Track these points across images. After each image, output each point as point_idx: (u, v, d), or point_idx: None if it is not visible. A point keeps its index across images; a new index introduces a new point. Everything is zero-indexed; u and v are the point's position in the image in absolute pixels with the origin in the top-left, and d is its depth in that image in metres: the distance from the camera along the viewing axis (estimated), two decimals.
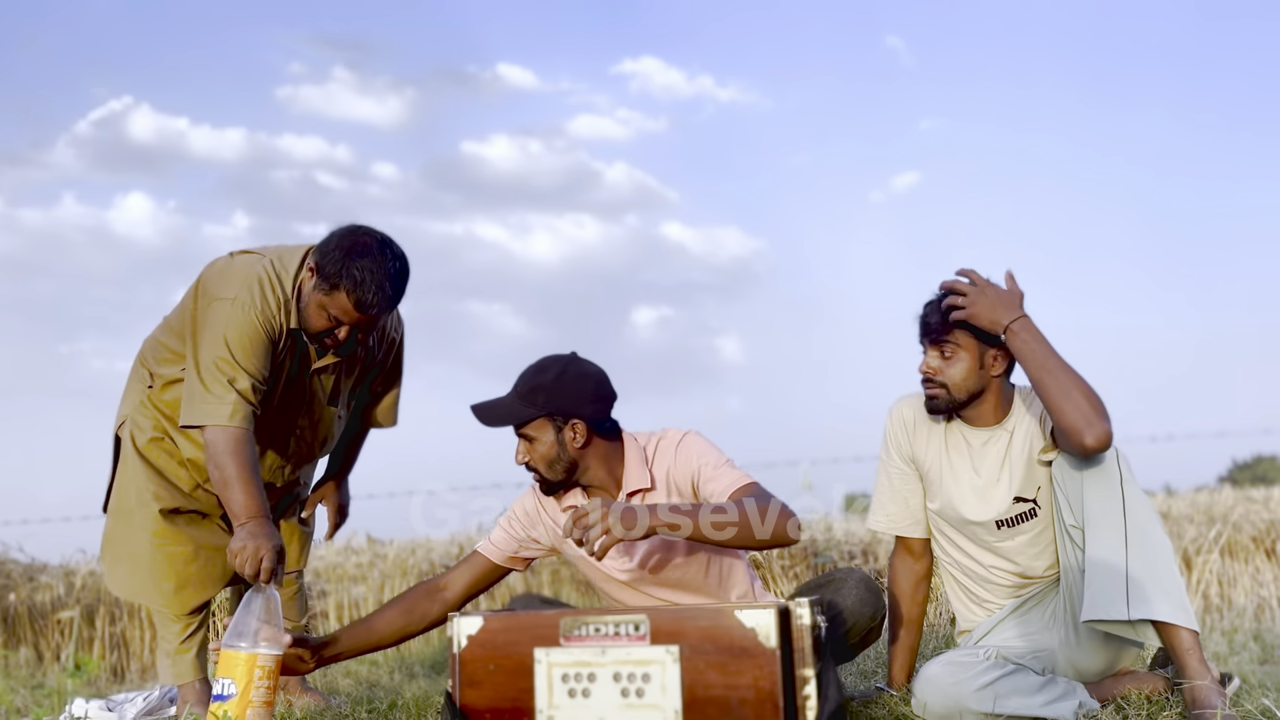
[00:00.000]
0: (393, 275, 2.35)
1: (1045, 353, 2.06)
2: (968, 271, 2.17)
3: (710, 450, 2.22)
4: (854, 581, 2.13)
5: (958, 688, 2.03)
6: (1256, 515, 5.26)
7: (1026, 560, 2.25)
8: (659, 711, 1.65)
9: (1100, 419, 2.00)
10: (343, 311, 2.33)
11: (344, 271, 2.30)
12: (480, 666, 1.80)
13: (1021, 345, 2.07)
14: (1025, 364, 2.08)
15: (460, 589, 2.30)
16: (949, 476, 2.28)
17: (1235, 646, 3.06)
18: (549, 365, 2.20)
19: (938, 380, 2.21)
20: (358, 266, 2.30)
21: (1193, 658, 1.95)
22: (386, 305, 2.36)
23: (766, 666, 1.61)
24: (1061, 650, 2.22)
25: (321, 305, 2.35)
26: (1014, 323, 2.08)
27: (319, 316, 2.37)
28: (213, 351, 2.31)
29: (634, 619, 1.71)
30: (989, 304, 2.10)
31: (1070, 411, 2.02)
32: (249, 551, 2.14)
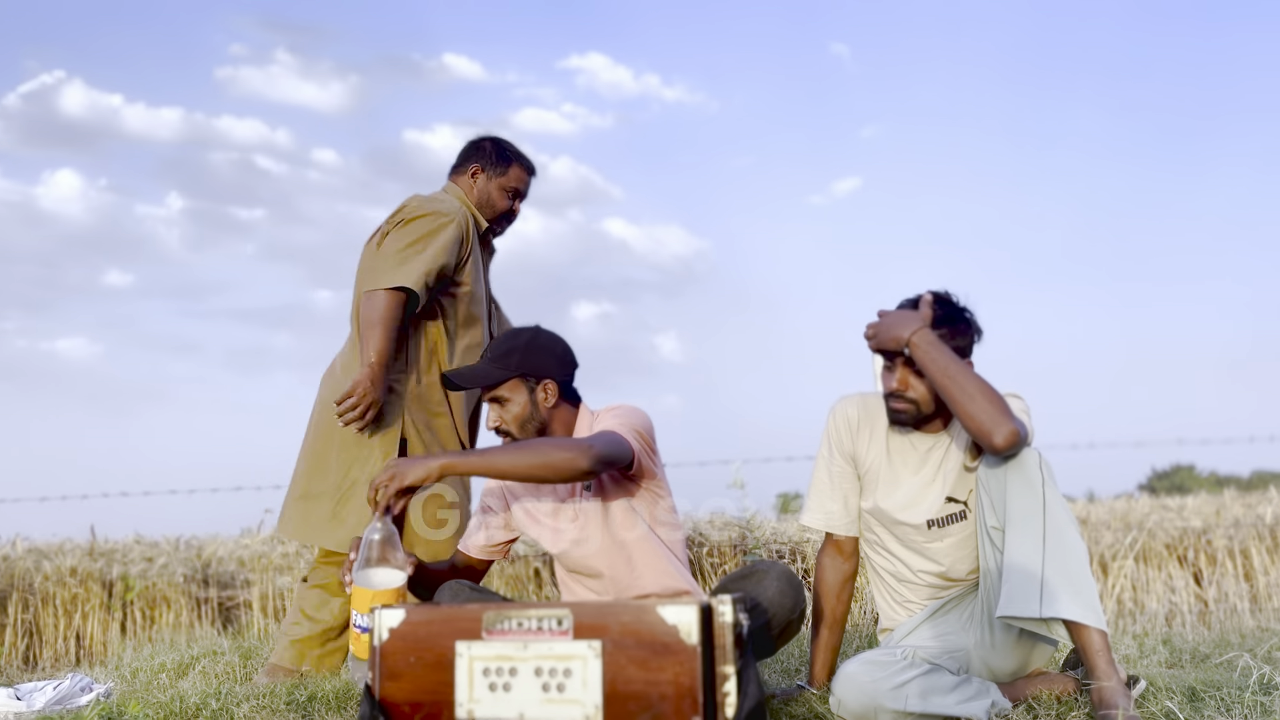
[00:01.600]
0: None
1: (946, 361, 2.13)
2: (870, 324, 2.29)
3: (625, 415, 2.31)
4: (775, 575, 2.17)
5: (874, 686, 2.07)
6: (1170, 523, 5.43)
7: (951, 562, 2.30)
8: (579, 706, 1.65)
9: (1006, 419, 2.06)
10: (518, 180, 3.06)
11: (505, 152, 3.06)
12: (401, 659, 1.79)
13: (923, 356, 2.15)
14: (929, 373, 2.15)
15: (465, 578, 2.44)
16: (887, 477, 2.33)
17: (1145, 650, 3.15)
18: (520, 332, 2.38)
19: (907, 396, 2.25)
20: (507, 146, 3.07)
21: (1102, 659, 2.01)
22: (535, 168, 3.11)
23: (687, 663, 1.61)
24: (977, 651, 2.27)
25: (501, 186, 3.04)
26: (914, 335, 2.17)
27: (501, 197, 3.05)
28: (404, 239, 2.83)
29: (557, 613, 1.70)
30: (888, 326, 2.21)
31: (977, 415, 2.08)
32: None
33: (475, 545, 2.48)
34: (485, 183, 3.05)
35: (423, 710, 1.75)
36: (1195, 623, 4.66)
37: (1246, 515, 5.43)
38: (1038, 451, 2.17)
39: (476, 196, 3.06)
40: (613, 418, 2.30)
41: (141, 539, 5.62)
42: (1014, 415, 2.09)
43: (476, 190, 3.06)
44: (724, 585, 2.22)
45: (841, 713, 2.10)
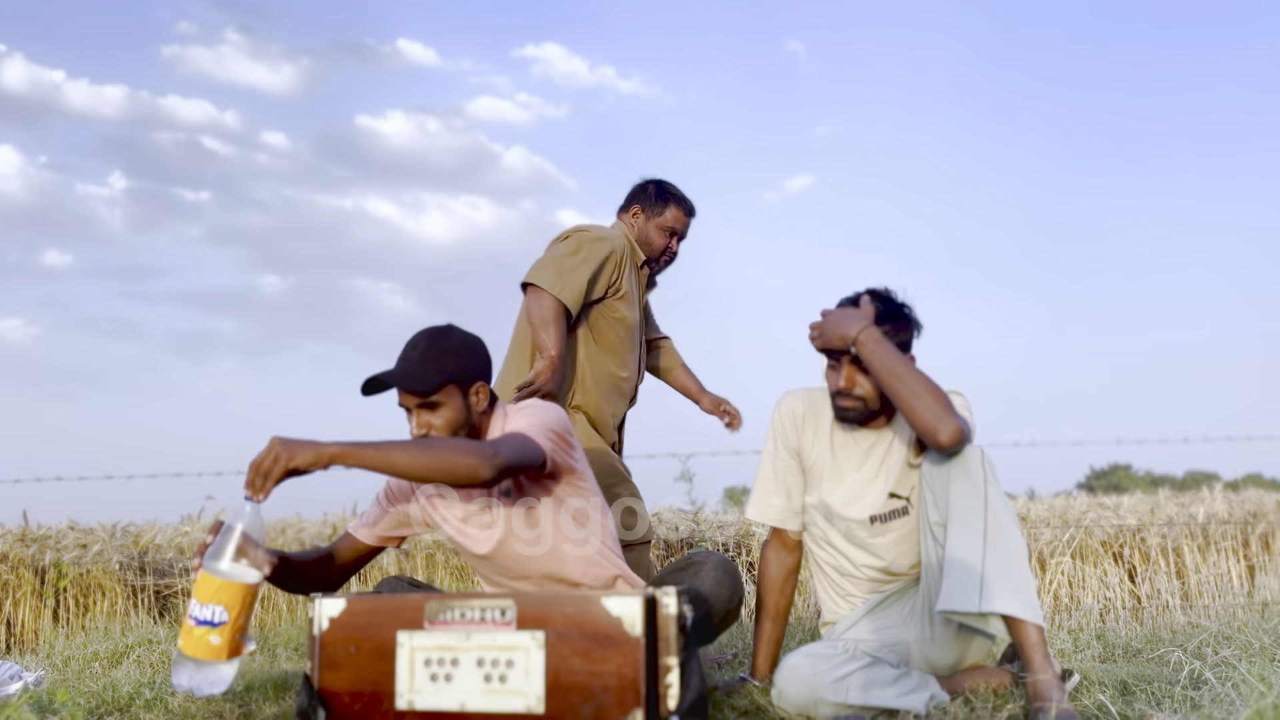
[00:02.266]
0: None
1: (892, 360, 2.15)
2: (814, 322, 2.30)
3: (536, 414, 2.23)
4: (712, 565, 2.18)
5: (816, 679, 2.09)
6: (1107, 521, 5.55)
7: (893, 557, 2.33)
8: (521, 697, 1.65)
9: (950, 416, 2.09)
10: (675, 220, 3.25)
11: (664, 194, 3.25)
12: (341, 649, 1.76)
13: (869, 354, 2.16)
14: (875, 371, 2.16)
15: (342, 565, 2.34)
16: (831, 472, 2.35)
17: (1079, 644, 3.21)
18: (446, 332, 2.23)
19: (855, 393, 2.26)
20: (668, 188, 3.26)
21: (1037, 653, 2.05)
22: (694, 210, 3.29)
23: (630, 654, 1.61)
24: (917, 645, 2.30)
25: (659, 226, 3.24)
26: (860, 334, 2.18)
27: (659, 236, 3.24)
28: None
29: (500, 604, 1.69)
30: (834, 325, 2.22)
31: (922, 412, 2.10)
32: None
33: (371, 532, 2.35)
34: (644, 223, 3.26)
35: (362, 700, 1.73)
36: (1128, 618, 4.76)
37: (1179, 514, 5.56)
38: (981, 449, 2.20)
39: (636, 234, 3.27)
40: (523, 418, 2.22)
41: (76, 525, 5.48)
42: (958, 413, 2.12)
43: (636, 228, 3.27)
44: (663, 577, 2.23)
45: (782, 704, 2.11)
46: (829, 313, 2.27)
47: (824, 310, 2.30)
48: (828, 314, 2.27)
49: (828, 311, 2.29)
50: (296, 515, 6.01)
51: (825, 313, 2.28)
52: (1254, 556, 5.43)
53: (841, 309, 2.27)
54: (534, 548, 2.29)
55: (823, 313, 2.29)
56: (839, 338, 2.20)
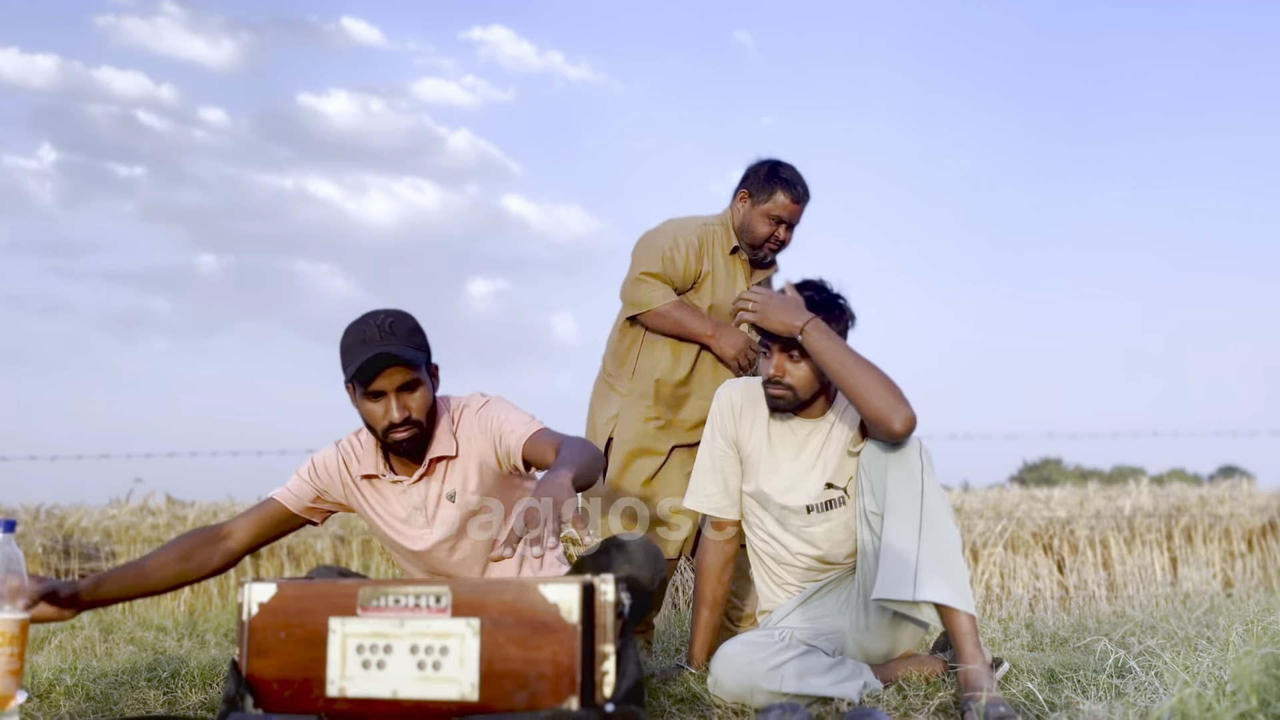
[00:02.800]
0: (802, 176, 3.02)
1: (840, 350, 2.16)
2: (746, 294, 2.27)
3: (510, 412, 2.19)
4: (634, 546, 2.17)
5: (752, 667, 2.10)
6: (1038, 513, 5.67)
7: (830, 546, 2.34)
8: (455, 685, 1.62)
9: (902, 404, 2.11)
10: (782, 208, 2.98)
11: (771, 177, 2.99)
12: (271, 635, 1.72)
13: (816, 344, 2.16)
14: (823, 362, 2.17)
15: (245, 537, 2.20)
16: (768, 462, 2.35)
17: (1009, 633, 3.27)
18: (405, 314, 2.16)
19: (785, 382, 2.27)
20: (780, 171, 2.99)
21: (969, 642, 2.08)
22: (808, 194, 3.02)
23: (567, 641, 1.60)
24: (852, 633, 2.32)
25: (764, 213, 2.99)
26: (807, 324, 2.18)
27: (761, 223, 2.99)
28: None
29: (436, 590, 1.67)
30: (777, 310, 2.22)
31: (874, 401, 2.11)
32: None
33: (299, 503, 2.24)
34: (749, 209, 3.04)
35: (292, 687, 1.69)
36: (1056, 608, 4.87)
37: (1107, 507, 5.70)
38: (919, 440, 2.22)
39: (739, 220, 3.07)
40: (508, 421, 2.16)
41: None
42: (908, 401, 2.13)
43: (741, 214, 3.06)
44: (583, 561, 2.21)
45: (718, 692, 2.12)
46: (769, 295, 2.26)
47: (759, 290, 2.29)
48: (767, 296, 2.26)
49: (764, 291, 2.28)
50: (230, 499, 5.90)
51: (761, 292, 2.27)
52: (1177, 549, 5.59)
53: (784, 297, 2.27)
54: (465, 551, 2.24)
55: (758, 292, 2.28)
56: (783, 324, 2.20)
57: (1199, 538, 5.62)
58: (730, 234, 3.11)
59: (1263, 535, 5.74)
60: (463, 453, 2.19)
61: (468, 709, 1.61)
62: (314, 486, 2.24)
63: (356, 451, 2.25)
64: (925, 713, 2.06)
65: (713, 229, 3.10)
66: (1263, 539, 5.73)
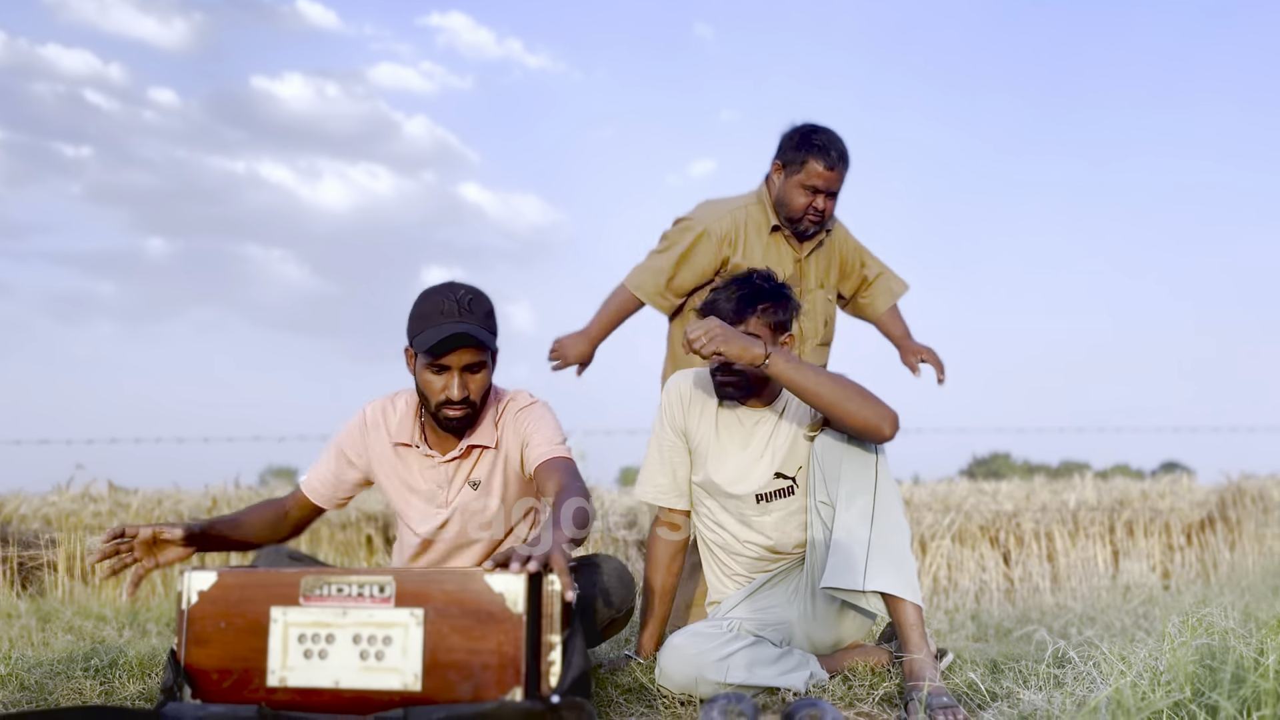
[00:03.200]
0: (838, 140, 2.84)
1: (806, 374, 2.13)
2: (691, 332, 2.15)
3: (546, 424, 2.20)
4: (609, 570, 2.17)
5: (700, 658, 2.10)
6: (985, 506, 5.74)
7: (779, 535, 2.36)
8: (398, 675, 1.61)
9: (883, 409, 2.11)
10: (816, 176, 2.81)
11: (802, 144, 2.82)
12: (210, 624, 1.69)
13: (783, 371, 2.12)
14: (794, 388, 2.13)
15: (297, 516, 2.34)
16: (715, 451, 2.36)
17: (955, 624, 3.32)
18: (483, 294, 2.16)
19: (735, 368, 2.26)
20: (811, 136, 2.83)
21: (914, 632, 2.10)
22: (844, 160, 2.83)
23: (512, 632, 1.59)
24: (799, 623, 2.33)
25: (799, 184, 2.83)
26: (771, 355, 2.12)
27: (797, 195, 2.85)
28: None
29: (379, 580, 1.65)
30: (740, 344, 2.12)
31: (859, 415, 2.10)
32: None
33: (324, 495, 2.32)
34: (783, 180, 2.89)
35: (231, 677, 1.66)
36: (1002, 600, 4.95)
37: (1052, 501, 5.80)
38: None
39: (775, 194, 2.91)
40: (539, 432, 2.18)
41: None
42: (884, 401, 2.13)
43: (776, 187, 2.91)
44: None
45: (664, 683, 2.12)
46: (713, 326, 2.14)
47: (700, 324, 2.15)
48: (712, 327, 2.14)
49: (705, 324, 2.15)
50: (175, 487, 5.79)
51: (703, 325, 2.14)
52: (1119, 542, 5.69)
53: (731, 329, 2.15)
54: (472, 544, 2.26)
55: (701, 326, 2.14)
56: (750, 356, 2.12)
57: (1140, 531, 5.74)
58: (767, 211, 2.96)
59: (1201, 529, 5.87)
60: (498, 445, 2.22)
61: (410, 699, 1.59)
62: (340, 473, 2.30)
63: (389, 418, 2.28)
64: (870, 702, 2.08)
65: (747, 211, 2.95)
66: (1201, 533, 5.86)
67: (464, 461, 2.23)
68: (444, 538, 2.26)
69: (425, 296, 2.13)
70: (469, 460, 2.23)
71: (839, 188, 2.88)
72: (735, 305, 2.26)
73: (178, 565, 4.45)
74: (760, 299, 2.26)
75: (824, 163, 2.80)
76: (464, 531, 2.25)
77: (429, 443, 2.24)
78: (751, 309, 2.25)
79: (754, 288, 2.27)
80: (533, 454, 2.15)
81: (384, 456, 2.27)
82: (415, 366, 2.15)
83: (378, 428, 2.27)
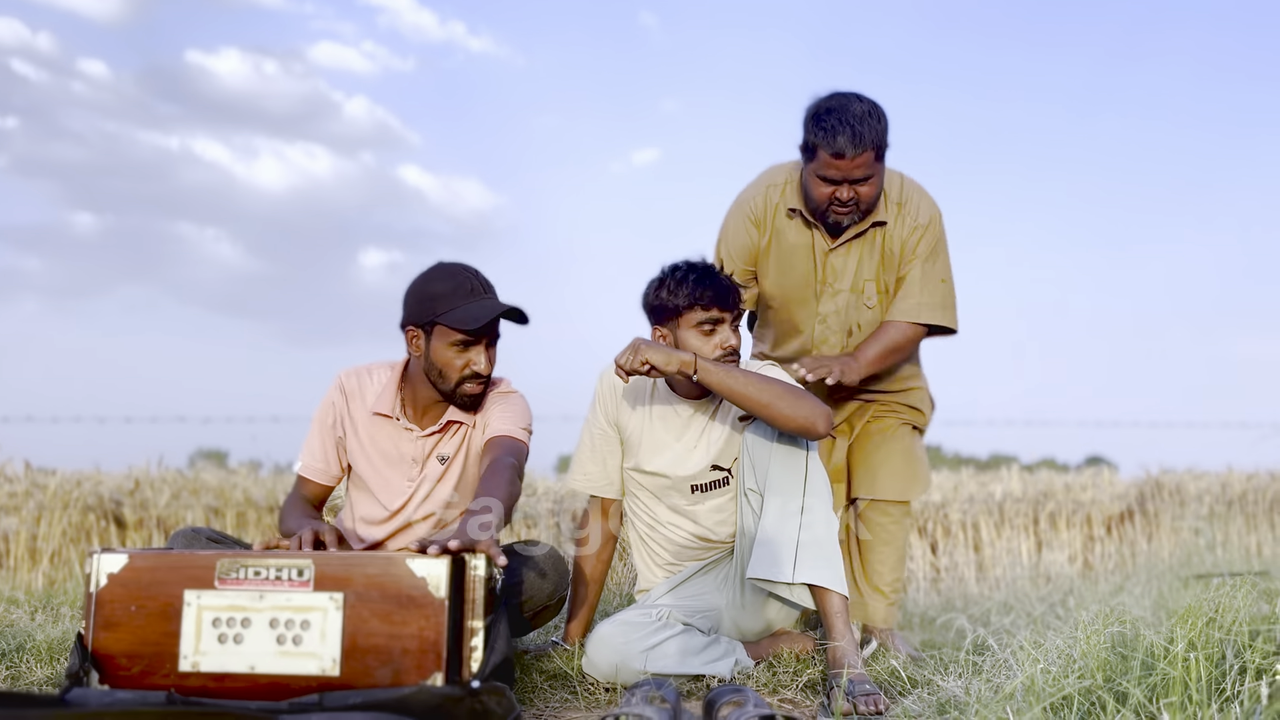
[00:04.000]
0: (858, 117, 2.37)
1: (735, 377, 2.13)
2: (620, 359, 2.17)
3: (515, 411, 2.22)
4: (541, 557, 2.16)
5: (627, 647, 2.10)
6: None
7: (712, 524, 2.36)
8: (315, 660, 1.58)
9: (814, 406, 2.12)
10: (827, 165, 2.39)
11: (813, 128, 2.40)
12: (120, 608, 1.64)
13: (711, 378, 2.13)
14: (724, 394, 2.14)
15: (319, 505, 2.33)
16: (649, 441, 2.35)
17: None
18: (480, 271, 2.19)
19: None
20: (824, 122, 2.38)
21: (839, 620, 2.12)
22: (859, 143, 2.35)
23: (433, 616, 1.57)
24: (728, 611, 2.34)
25: (814, 173, 2.43)
26: (697, 365, 2.13)
27: (816, 185, 2.45)
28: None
29: (298, 564, 1.62)
30: (664, 355, 2.13)
31: (790, 417, 2.11)
32: None
33: (322, 470, 2.29)
34: (803, 171, 2.50)
35: (141, 662, 1.62)
36: (928, 588, 5.03)
37: (980, 492, 5.91)
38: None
39: (801, 183, 2.53)
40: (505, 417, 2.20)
41: None
42: (813, 397, 2.14)
43: (802, 176, 2.51)
44: None
45: (590, 670, 2.12)
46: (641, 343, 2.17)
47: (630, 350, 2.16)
48: (641, 344, 2.16)
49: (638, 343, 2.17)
50: (96, 468, 5.63)
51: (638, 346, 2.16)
52: (1043, 533, 5.83)
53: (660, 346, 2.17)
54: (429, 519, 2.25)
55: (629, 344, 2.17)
56: (678, 366, 2.13)
57: (1062, 522, 5.88)
58: (796, 191, 2.58)
59: (1120, 521, 6.04)
60: (473, 423, 2.23)
61: (328, 684, 1.56)
62: (327, 449, 2.28)
63: (366, 388, 2.27)
64: (793, 689, 2.10)
65: (783, 189, 2.60)
66: (1120, 525, 6.03)
67: (443, 436, 2.24)
68: (407, 512, 2.25)
69: (438, 276, 2.15)
70: (446, 436, 2.24)
71: (865, 174, 2.41)
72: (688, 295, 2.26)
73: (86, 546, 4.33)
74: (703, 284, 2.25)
75: (831, 149, 2.37)
76: (427, 505, 2.25)
77: (409, 416, 2.24)
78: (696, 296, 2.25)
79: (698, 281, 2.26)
80: (490, 429, 2.19)
81: (361, 424, 2.27)
82: (428, 344, 2.15)
83: (355, 396, 2.27)
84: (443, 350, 2.13)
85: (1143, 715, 1.45)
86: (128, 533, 5.10)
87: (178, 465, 5.87)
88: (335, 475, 2.31)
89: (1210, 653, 1.51)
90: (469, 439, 2.24)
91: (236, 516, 5.19)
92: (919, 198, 2.59)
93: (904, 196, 2.58)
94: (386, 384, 2.26)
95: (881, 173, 2.46)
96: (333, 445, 2.29)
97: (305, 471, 2.29)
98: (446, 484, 2.24)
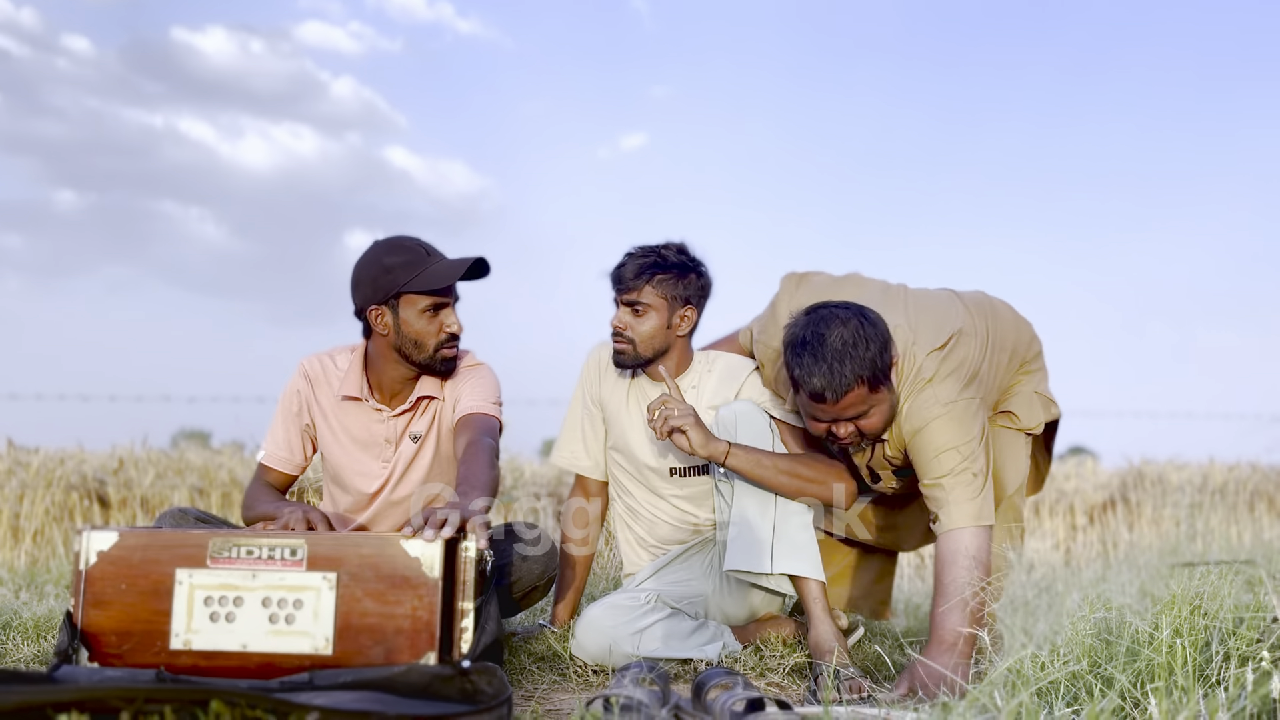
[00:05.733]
0: (836, 353, 1.95)
1: (765, 464, 2.14)
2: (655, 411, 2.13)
3: (485, 384, 2.20)
4: (530, 539, 2.18)
5: (615, 630, 2.11)
6: None
7: (694, 509, 2.37)
8: (308, 639, 1.58)
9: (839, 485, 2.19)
10: (811, 408, 2.03)
11: (790, 364, 2.02)
12: (110, 585, 1.64)
13: (741, 464, 2.13)
14: (753, 481, 2.16)
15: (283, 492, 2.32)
16: (628, 423, 2.36)
17: None
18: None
19: (626, 335, 2.27)
20: (799, 357, 1.99)
21: (818, 606, 2.13)
22: (840, 386, 1.95)
23: (426, 597, 1.57)
24: (714, 597, 2.35)
25: (802, 407, 2.08)
26: (729, 453, 2.12)
27: (810, 422, 2.09)
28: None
29: (291, 543, 1.61)
30: (702, 435, 2.10)
31: (820, 496, 2.18)
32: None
33: (285, 459, 2.27)
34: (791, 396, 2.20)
35: (132, 640, 1.61)
36: (913, 576, 5.06)
37: None
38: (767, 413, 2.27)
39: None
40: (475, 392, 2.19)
41: None
42: (835, 468, 2.19)
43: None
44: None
45: (579, 653, 2.13)
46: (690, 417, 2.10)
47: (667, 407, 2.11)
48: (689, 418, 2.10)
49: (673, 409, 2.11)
50: (79, 446, 5.60)
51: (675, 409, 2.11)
52: (1028, 520, 5.87)
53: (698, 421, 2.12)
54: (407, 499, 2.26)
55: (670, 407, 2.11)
56: (710, 451, 2.11)
57: (1045, 511, 5.93)
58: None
59: (1103, 510, 6.09)
60: (443, 398, 2.22)
61: (321, 663, 1.57)
62: (290, 435, 2.26)
63: (330, 372, 2.25)
64: (780, 673, 2.11)
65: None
66: (1102, 514, 6.08)
67: (415, 414, 2.23)
68: (385, 494, 2.24)
69: (386, 251, 2.14)
70: (417, 413, 2.23)
71: (858, 411, 2.02)
72: (635, 271, 2.26)
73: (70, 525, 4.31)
74: (659, 269, 2.26)
75: (809, 391, 2.00)
76: (404, 487, 2.24)
77: (378, 398, 2.22)
78: (648, 278, 2.25)
79: (659, 257, 2.27)
80: (461, 406, 2.17)
81: (330, 410, 2.25)
82: (396, 319, 2.13)
83: (320, 381, 2.25)
84: (414, 319, 2.12)
85: (1129, 700, 1.46)
86: (111, 512, 5.08)
87: (160, 445, 5.85)
88: (299, 464, 2.28)
89: (1195, 639, 1.52)
90: (439, 415, 2.23)
91: (221, 497, 5.17)
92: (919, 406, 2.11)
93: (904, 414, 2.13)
94: (350, 367, 2.24)
95: (885, 398, 2.04)
96: (297, 433, 2.26)
97: (269, 460, 2.27)
98: (421, 463, 2.23)
